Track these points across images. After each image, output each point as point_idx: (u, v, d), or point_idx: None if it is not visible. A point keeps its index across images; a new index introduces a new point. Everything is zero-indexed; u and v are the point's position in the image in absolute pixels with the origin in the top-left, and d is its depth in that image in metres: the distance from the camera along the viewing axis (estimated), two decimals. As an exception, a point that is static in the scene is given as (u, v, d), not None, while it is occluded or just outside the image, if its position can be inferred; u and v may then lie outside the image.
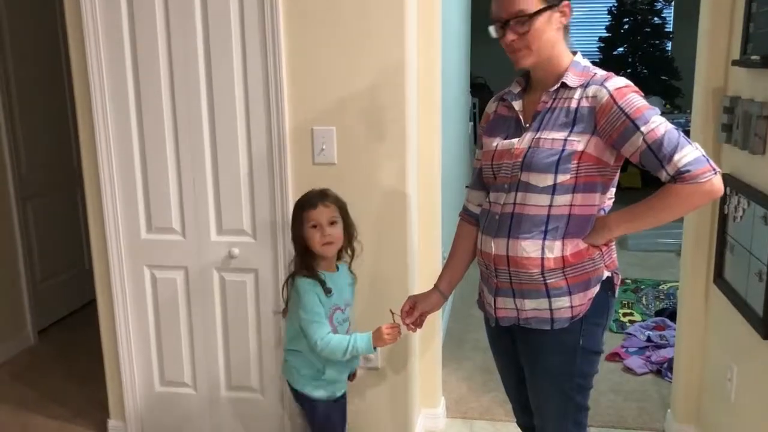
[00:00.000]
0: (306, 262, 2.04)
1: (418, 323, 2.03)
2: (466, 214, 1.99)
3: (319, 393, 2.12)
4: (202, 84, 2.49)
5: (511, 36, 1.70)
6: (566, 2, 1.71)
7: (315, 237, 2.02)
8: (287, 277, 2.12)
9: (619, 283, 1.84)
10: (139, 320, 2.74)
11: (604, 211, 1.78)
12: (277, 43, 2.38)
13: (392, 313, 2.01)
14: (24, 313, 3.86)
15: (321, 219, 2.03)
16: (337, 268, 2.15)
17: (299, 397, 2.15)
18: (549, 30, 1.69)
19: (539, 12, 1.67)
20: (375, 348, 2.01)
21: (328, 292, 2.03)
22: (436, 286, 2.03)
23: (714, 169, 1.57)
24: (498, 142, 1.81)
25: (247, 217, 2.57)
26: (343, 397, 2.21)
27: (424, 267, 2.66)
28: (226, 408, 2.76)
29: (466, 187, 2.02)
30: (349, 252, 2.17)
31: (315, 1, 2.35)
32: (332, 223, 2.04)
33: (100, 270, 2.72)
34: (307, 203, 2.06)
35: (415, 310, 2.00)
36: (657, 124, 1.60)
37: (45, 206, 4.04)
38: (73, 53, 2.56)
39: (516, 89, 1.82)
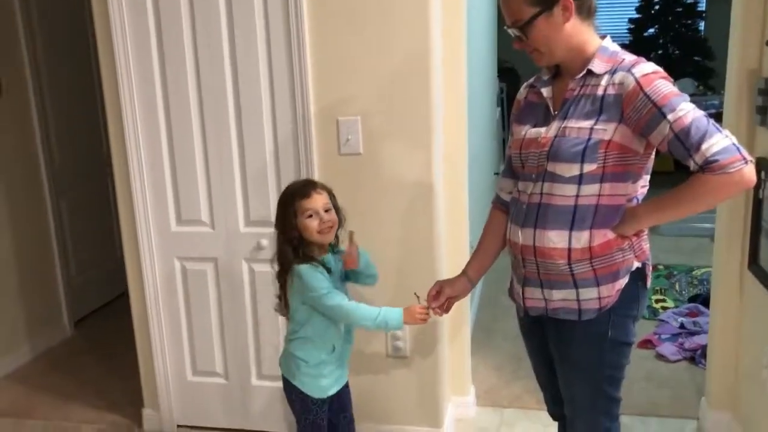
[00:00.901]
0: (303, 252, 2.00)
1: (445, 308, 2.01)
2: (497, 202, 1.97)
3: (315, 390, 2.08)
4: (228, 76, 2.51)
5: (517, 43, 1.73)
6: None
7: (312, 226, 1.98)
8: (280, 275, 2.06)
9: (650, 273, 1.80)
10: (170, 311, 2.78)
11: (638, 199, 1.74)
12: (301, 31, 2.38)
13: (417, 296, 2.00)
14: (60, 305, 3.95)
15: (317, 206, 1.99)
16: (329, 250, 2.10)
17: (292, 394, 2.10)
18: (553, 30, 1.66)
19: (533, 19, 1.65)
20: (403, 324, 1.98)
21: (329, 271, 2.02)
22: (464, 271, 2.01)
23: (745, 159, 1.50)
24: (526, 131, 1.78)
25: (274, 208, 2.57)
26: (344, 388, 2.18)
27: (451, 257, 2.65)
28: (257, 397, 2.80)
29: (495, 174, 2.00)
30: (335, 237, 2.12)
31: (338, -9, 2.34)
32: (327, 210, 2.01)
33: (132, 262, 2.76)
34: (298, 194, 2.01)
35: (442, 295, 1.99)
36: (685, 111, 1.54)
37: (78, 200, 4.12)
38: (101, 48, 2.59)
39: (546, 75, 1.79)
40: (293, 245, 2.00)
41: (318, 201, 2.00)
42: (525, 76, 1.94)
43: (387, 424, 2.64)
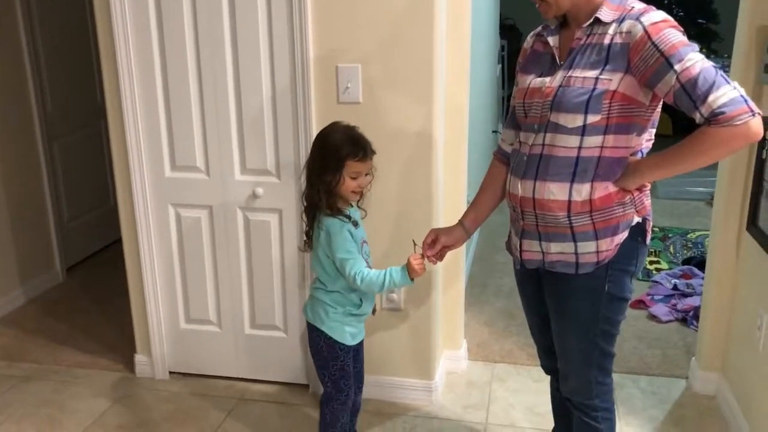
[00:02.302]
0: (330, 202, 1.97)
1: (439, 256, 2.00)
2: (499, 153, 1.95)
3: (344, 337, 2.08)
4: (225, 20, 2.44)
5: None
6: None
7: (351, 185, 1.95)
8: (308, 213, 2.04)
9: (650, 229, 1.78)
10: (164, 258, 2.76)
11: (642, 153, 1.70)
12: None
13: (414, 244, 1.99)
14: (52, 251, 3.93)
15: (364, 170, 1.96)
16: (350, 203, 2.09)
17: (320, 341, 2.09)
18: None
19: None
20: (412, 279, 1.97)
21: (356, 224, 2.01)
22: (460, 221, 2.00)
23: (752, 111, 1.47)
24: (531, 80, 1.74)
25: (270, 156, 2.54)
26: (361, 343, 2.20)
27: (449, 209, 2.63)
28: (250, 346, 2.80)
29: (494, 131, 1.97)
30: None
31: (341, -69, 2.26)
32: (367, 174, 1.99)
33: (125, 208, 2.73)
34: (354, 153, 1.93)
35: (437, 243, 1.98)
36: (693, 61, 1.50)
37: (71, 146, 4.06)
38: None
39: (554, 24, 1.74)
40: (326, 193, 1.95)
41: (367, 166, 1.97)
42: (526, 33, 1.88)
43: (380, 375, 2.66)
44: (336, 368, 2.09)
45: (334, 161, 1.93)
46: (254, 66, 2.46)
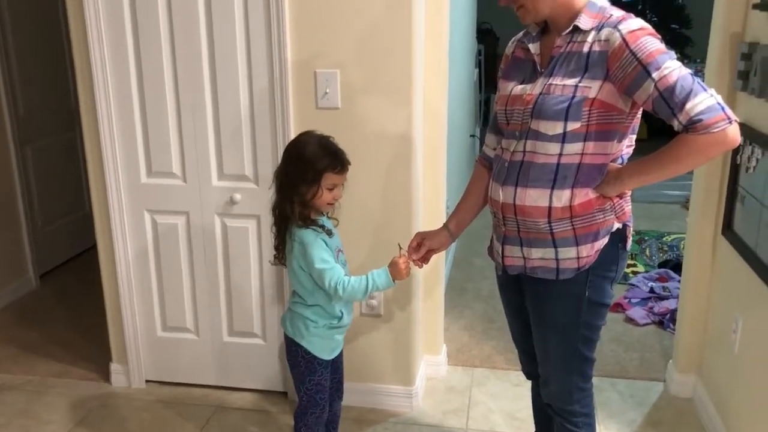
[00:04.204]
0: (303, 213, 1.92)
1: (424, 259, 2.00)
2: (482, 158, 1.95)
3: (324, 351, 2.05)
4: (202, 24, 2.41)
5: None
6: None
7: (327, 197, 1.92)
8: (278, 225, 1.99)
9: (630, 235, 1.79)
10: (140, 265, 2.72)
11: (623, 159, 1.72)
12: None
13: (399, 247, 1.98)
14: (25, 257, 3.85)
15: (340, 182, 1.94)
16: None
17: (298, 355, 2.04)
18: None
19: None
20: (394, 281, 1.94)
21: (329, 233, 1.97)
22: (445, 225, 2.01)
23: (729, 118, 1.48)
24: (512, 87, 1.75)
25: (248, 162, 2.52)
26: (341, 354, 2.17)
27: (428, 213, 2.63)
28: (228, 353, 2.77)
29: (471, 136, 1.97)
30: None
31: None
32: (342, 185, 1.97)
33: (100, 214, 2.69)
34: (332, 165, 1.89)
35: (422, 247, 1.98)
36: (670, 69, 1.52)
37: (44, 150, 3.99)
38: (69, -8, 2.48)
39: (535, 30, 1.75)
40: (299, 204, 1.90)
41: (344, 177, 1.95)
42: (503, 38, 1.89)
43: (360, 382, 2.64)
44: (313, 383, 2.06)
45: (312, 173, 1.88)
46: (231, 71, 2.43)
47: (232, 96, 2.46)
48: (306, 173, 1.89)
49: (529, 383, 2.11)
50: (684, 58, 7.26)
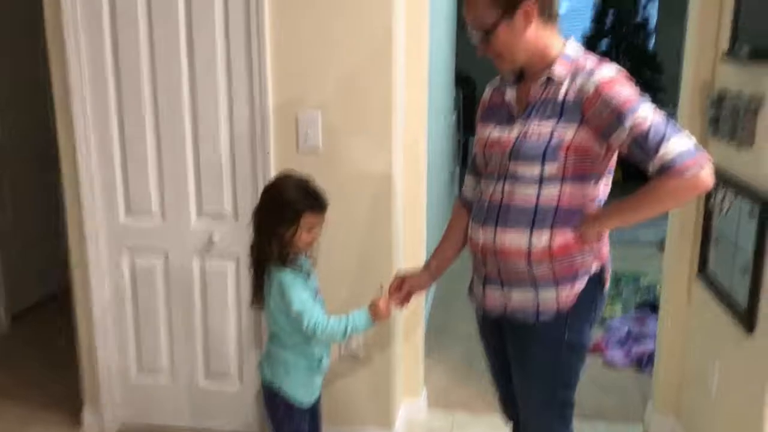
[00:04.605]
0: (283, 254, 1.92)
1: (404, 300, 2.00)
2: (462, 199, 1.97)
3: (304, 397, 2.02)
4: (184, 65, 2.44)
5: (480, 48, 1.73)
6: (526, 3, 1.63)
7: (305, 238, 1.92)
8: (255, 266, 1.98)
9: (609, 278, 1.81)
10: (116, 307, 2.68)
11: (601, 200, 1.75)
12: (262, 21, 2.33)
13: (381, 287, 1.97)
14: (-3, 298, 3.78)
15: (319, 223, 1.94)
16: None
17: (276, 400, 2.01)
18: (514, 36, 1.67)
19: (495, 25, 1.65)
20: (374, 322, 1.92)
21: (308, 275, 1.97)
22: (426, 265, 2.02)
23: (702, 162, 1.52)
24: (490, 131, 1.78)
25: (228, 203, 2.52)
26: (318, 399, 2.14)
27: (409, 255, 2.63)
28: (204, 397, 2.72)
29: (452, 176, 2.00)
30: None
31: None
32: (320, 226, 1.97)
33: (77, 254, 2.65)
34: (311, 206, 1.91)
35: (404, 287, 1.98)
36: (643, 116, 1.56)
37: (17, 188, 3.95)
38: (50, 34, 2.49)
39: (511, 77, 1.79)
40: (277, 245, 1.90)
41: (323, 218, 1.95)
42: (481, 84, 1.94)
43: (339, 425, 2.60)
44: (290, 430, 2.03)
45: (291, 214, 1.89)
46: (212, 111, 2.45)
47: (213, 137, 2.47)
48: (285, 214, 1.89)
49: (509, 427, 2.09)
50: (656, 102, 7.42)
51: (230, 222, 2.54)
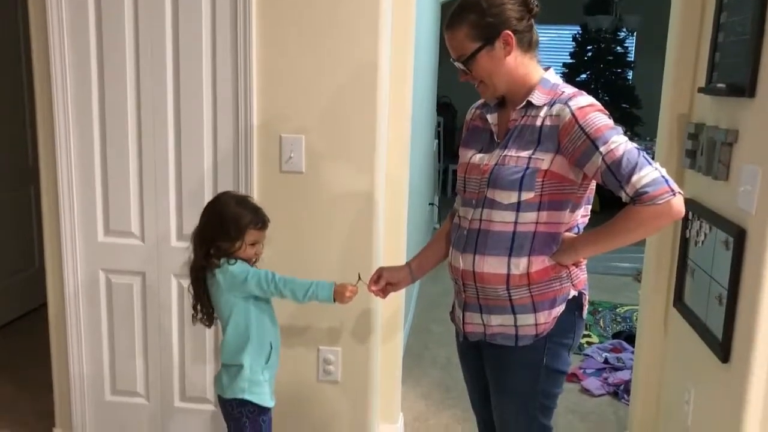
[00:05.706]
0: (227, 254, 1.98)
1: (382, 291, 2.03)
2: (453, 214, 1.98)
3: (267, 399, 2.03)
4: (169, 85, 2.44)
5: (462, 76, 1.78)
6: (505, 32, 1.68)
7: (249, 253, 1.99)
8: (195, 285, 2.02)
9: (586, 303, 1.83)
10: (91, 326, 2.64)
11: (579, 228, 1.78)
12: (249, 43, 2.34)
13: (359, 278, 2.02)
14: (-33, 317, 3.71)
15: (262, 239, 2.02)
16: None
17: (243, 411, 2.01)
18: (495, 64, 1.71)
19: (475, 53, 1.70)
20: (334, 300, 1.98)
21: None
22: (408, 263, 2.05)
23: (672, 191, 1.56)
24: (471, 156, 1.81)
25: (209, 223, 2.51)
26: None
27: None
28: (179, 419, 2.68)
29: (430, 204, 2.02)
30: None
31: (290, 3, 2.32)
32: (262, 242, 2.05)
33: (53, 273, 2.62)
34: (255, 222, 1.98)
35: (381, 279, 2.01)
36: (617, 144, 1.60)
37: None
38: (35, 49, 2.48)
39: (493, 102, 1.83)
40: (217, 255, 1.96)
41: (265, 234, 2.02)
42: (461, 110, 1.98)
43: (313, 450, 2.58)
44: None
45: (235, 229, 1.95)
46: (196, 131, 2.45)
47: (196, 157, 2.46)
48: (228, 230, 1.95)
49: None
50: (634, 136, 7.58)
51: (210, 243, 2.52)
